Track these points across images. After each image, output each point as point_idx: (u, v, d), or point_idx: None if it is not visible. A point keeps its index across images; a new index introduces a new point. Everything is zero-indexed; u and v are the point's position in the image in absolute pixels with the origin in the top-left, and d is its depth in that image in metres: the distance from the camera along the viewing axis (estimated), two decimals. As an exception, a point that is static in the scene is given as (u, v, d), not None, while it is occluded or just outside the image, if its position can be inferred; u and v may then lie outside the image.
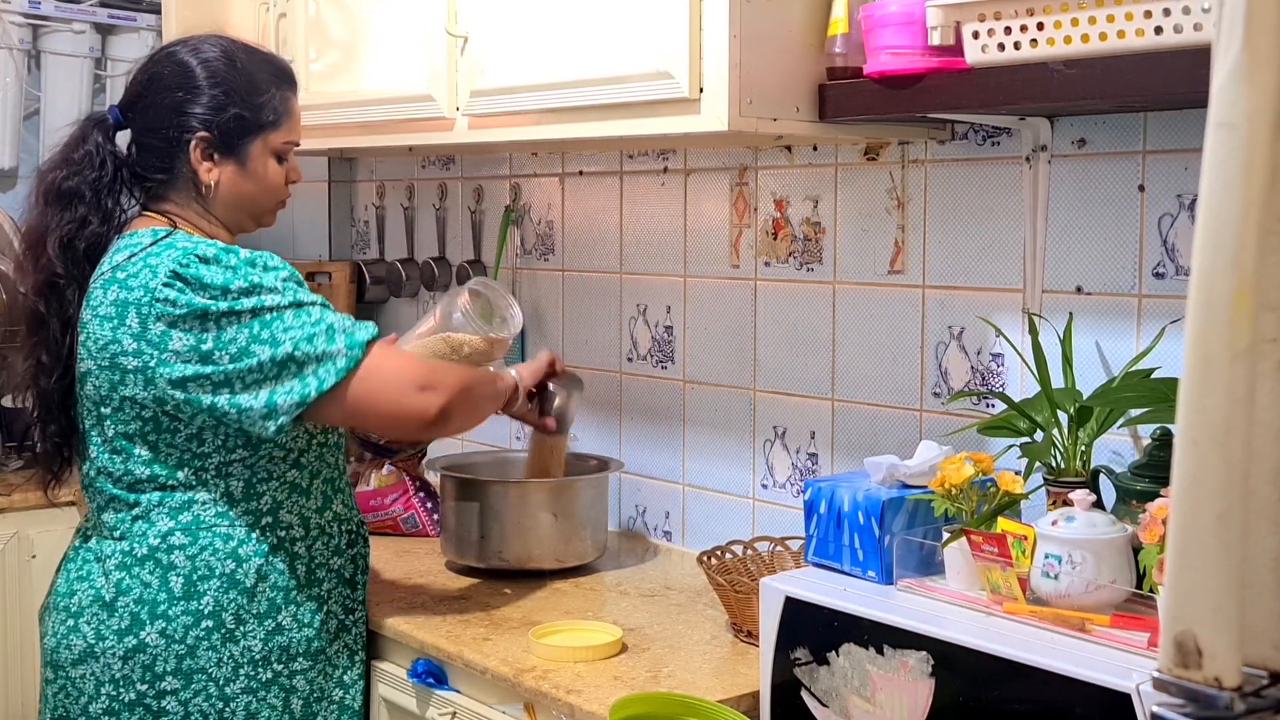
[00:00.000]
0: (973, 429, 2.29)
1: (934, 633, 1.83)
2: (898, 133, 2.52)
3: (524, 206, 3.45)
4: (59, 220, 2.33)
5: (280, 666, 2.31)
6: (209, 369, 2.16)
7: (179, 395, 2.19)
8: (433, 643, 2.41)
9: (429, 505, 3.13)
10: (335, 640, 2.39)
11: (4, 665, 3.39)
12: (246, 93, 2.36)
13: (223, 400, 2.18)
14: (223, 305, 2.16)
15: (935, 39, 2.11)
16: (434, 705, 2.40)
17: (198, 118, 2.33)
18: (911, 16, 2.15)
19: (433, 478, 3.07)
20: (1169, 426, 2.00)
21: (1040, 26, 1.95)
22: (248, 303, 2.16)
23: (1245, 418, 1.07)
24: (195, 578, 2.26)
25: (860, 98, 2.27)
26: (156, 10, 3.78)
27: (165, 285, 2.17)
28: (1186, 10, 1.78)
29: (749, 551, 2.58)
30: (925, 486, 2.07)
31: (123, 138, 2.40)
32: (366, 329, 2.25)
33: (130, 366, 2.20)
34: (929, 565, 2.04)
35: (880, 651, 1.89)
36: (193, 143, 2.33)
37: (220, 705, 2.26)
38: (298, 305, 2.20)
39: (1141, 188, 2.26)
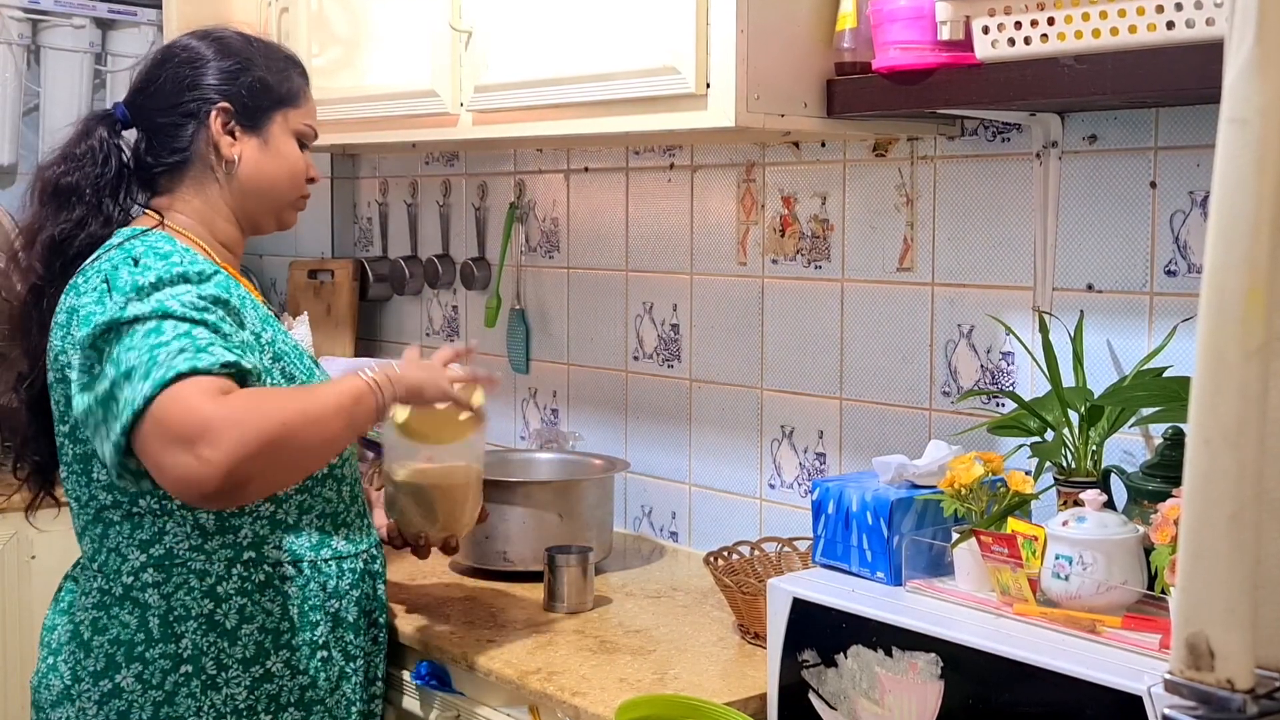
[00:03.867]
0: (982, 428, 2.28)
1: (943, 634, 1.82)
2: (907, 129, 2.50)
3: (528, 203, 3.44)
4: (54, 219, 2.14)
5: (268, 717, 2.11)
6: (78, 404, 1.95)
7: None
8: (436, 645, 2.40)
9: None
10: (335, 690, 2.19)
11: (3, 666, 3.38)
12: (265, 62, 2.23)
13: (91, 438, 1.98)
14: (100, 317, 1.93)
15: (945, 34, 2.10)
16: (438, 708, 2.39)
17: (215, 88, 2.17)
18: (921, 11, 2.14)
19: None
20: (1181, 426, 1.99)
21: (1051, 21, 1.94)
22: (104, 317, 1.92)
23: (1258, 417, 1.07)
24: (171, 618, 2.06)
25: (869, 93, 2.26)
26: (157, 5, 3.77)
27: (95, 289, 1.98)
28: (1199, 4, 1.77)
29: (756, 552, 2.57)
30: (934, 486, 2.07)
31: (129, 137, 2.24)
32: (199, 359, 1.87)
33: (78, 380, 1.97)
34: (938, 566, 2.03)
35: (889, 653, 1.87)
36: (213, 113, 2.17)
37: None
38: (160, 318, 1.91)
39: (1153, 184, 2.24)
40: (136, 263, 2.00)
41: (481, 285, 3.54)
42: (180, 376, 1.85)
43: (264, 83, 2.22)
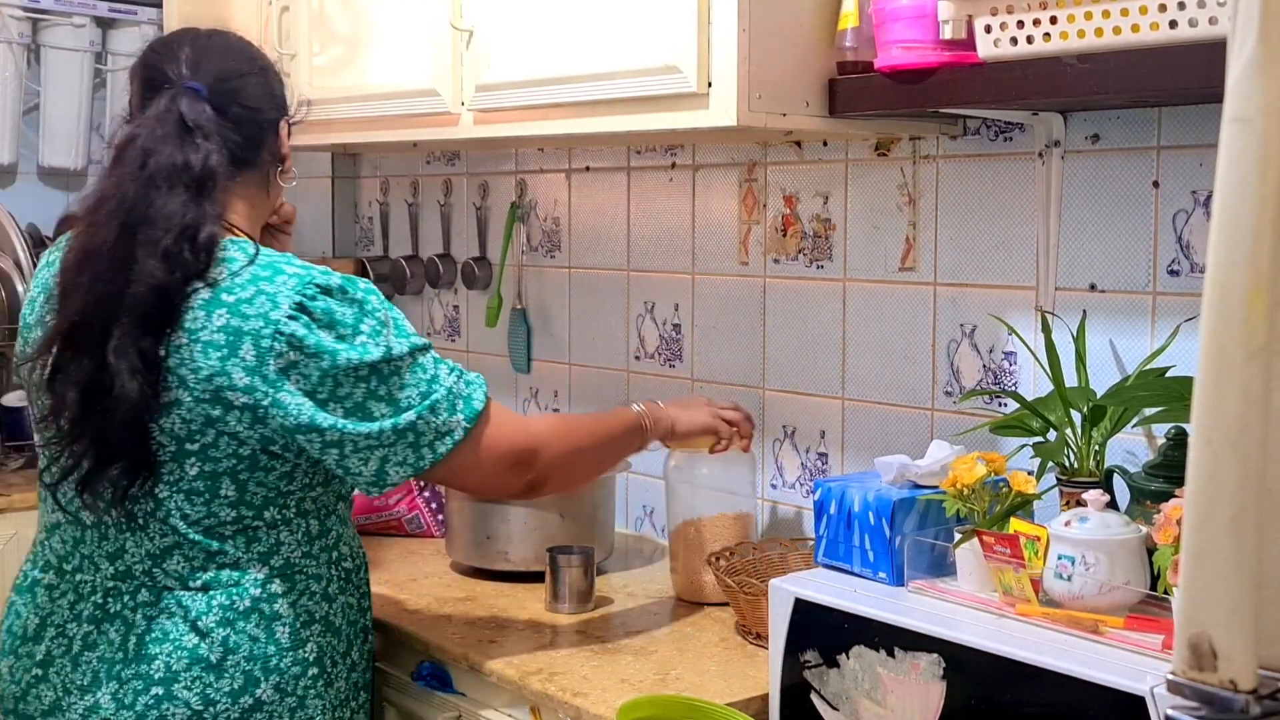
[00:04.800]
0: (985, 428, 2.28)
1: (945, 635, 1.82)
2: (909, 128, 2.50)
3: (530, 203, 3.43)
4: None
5: (354, 703, 2.22)
6: (326, 423, 1.98)
7: (295, 438, 2.01)
8: (438, 645, 2.39)
9: (434, 506, 3.11)
10: (369, 673, 2.29)
11: None
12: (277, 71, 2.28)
13: (333, 457, 2.02)
14: (352, 356, 1.98)
15: (947, 33, 2.10)
16: (439, 708, 2.39)
17: (280, 96, 2.21)
18: (923, 10, 2.13)
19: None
20: (1183, 426, 1.98)
21: (1053, 20, 1.93)
22: (375, 353, 1.99)
23: (1261, 417, 1.07)
24: (298, 625, 2.11)
25: (871, 92, 2.26)
26: (157, 4, 3.76)
27: (290, 319, 1.97)
28: (1201, 4, 1.76)
29: (758, 553, 2.57)
30: (937, 487, 2.06)
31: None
32: (480, 388, 2.11)
33: (239, 403, 1.98)
34: (940, 566, 2.03)
35: (891, 654, 1.87)
36: (281, 123, 2.20)
37: None
38: (413, 355, 2.04)
39: (1156, 184, 2.24)
40: (330, 292, 2.02)
41: (483, 285, 3.54)
42: (485, 404, 2.10)
43: (282, 97, 2.24)
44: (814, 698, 1.97)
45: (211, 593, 2.06)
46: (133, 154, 2.04)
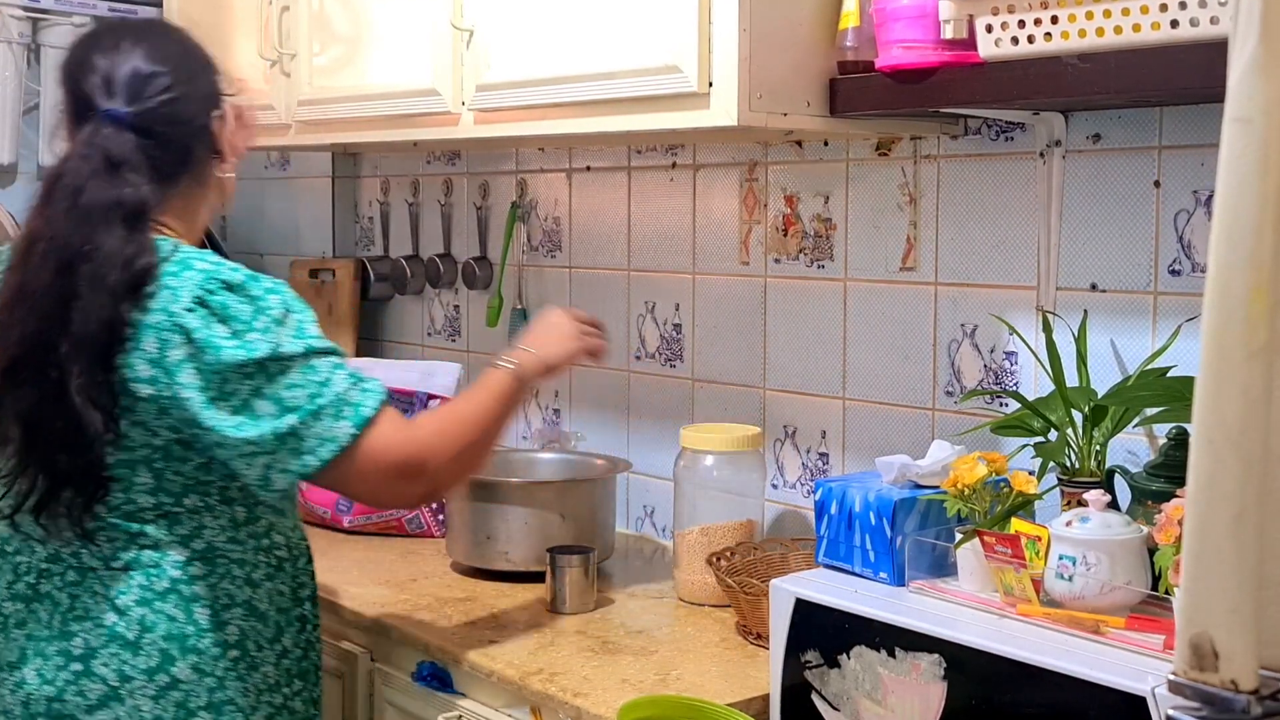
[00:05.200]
0: (986, 428, 2.27)
1: (946, 635, 1.82)
2: (909, 128, 2.50)
3: (530, 203, 3.43)
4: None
5: (287, 689, 2.20)
6: (211, 421, 1.98)
7: (191, 429, 2.02)
8: (438, 645, 2.39)
9: (434, 506, 3.11)
10: (311, 657, 2.28)
11: None
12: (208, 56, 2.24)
13: (221, 457, 2.04)
14: (238, 354, 1.98)
15: (948, 32, 2.09)
16: (439, 708, 2.38)
17: (210, 94, 2.19)
18: (924, 10, 2.13)
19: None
20: (1185, 426, 1.98)
21: (1054, 20, 1.93)
22: (261, 350, 1.99)
23: (1262, 417, 1.07)
24: (219, 607, 2.11)
25: (872, 92, 2.25)
26: (157, 4, 3.76)
27: (187, 311, 1.98)
28: (1203, 3, 1.76)
29: (759, 553, 2.56)
30: (938, 487, 2.06)
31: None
32: (374, 396, 2.06)
33: (144, 394, 2.00)
34: (941, 567, 2.02)
35: (892, 654, 1.87)
36: (214, 122, 2.18)
37: None
38: (307, 357, 2.02)
39: (1157, 183, 2.23)
40: (231, 288, 2.02)
41: (483, 285, 3.54)
42: (376, 413, 2.04)
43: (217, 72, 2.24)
44: (815, 698, 1.97)
45: (131, 573, 2.08)
46: (61, 192, 2.06)
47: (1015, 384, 2.44)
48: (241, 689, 2.12)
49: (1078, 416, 2.11)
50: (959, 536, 1.97)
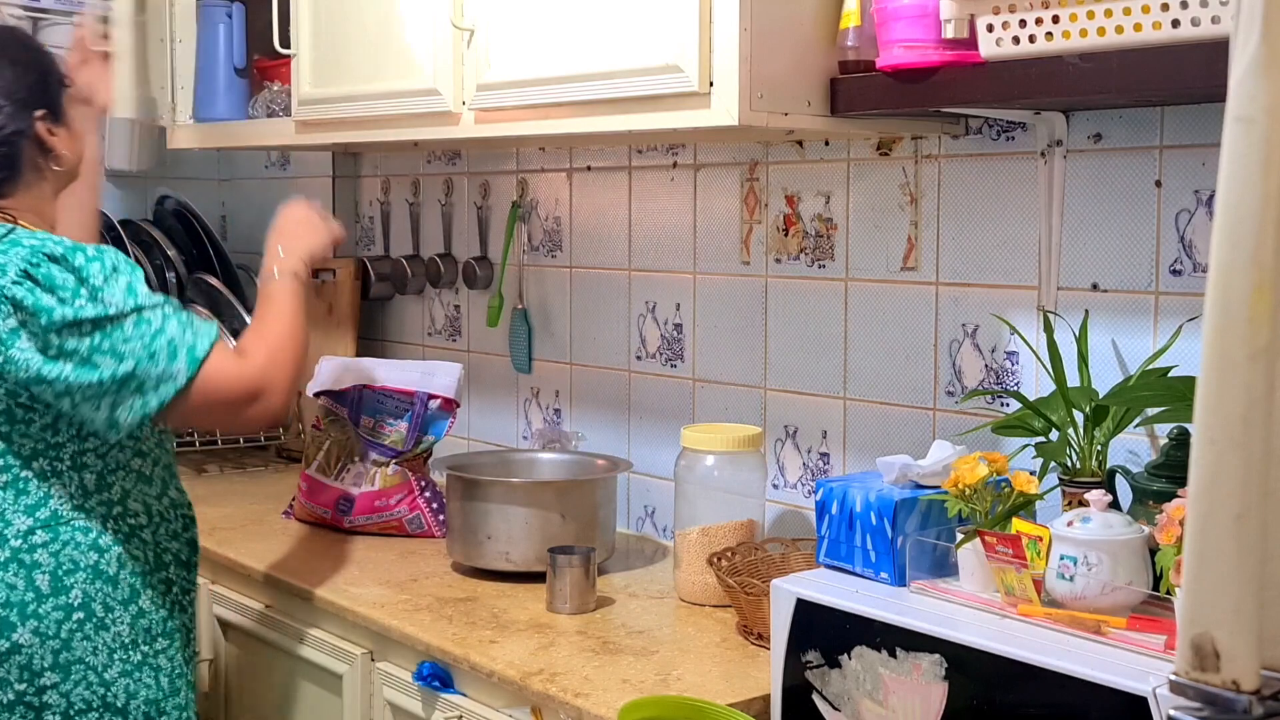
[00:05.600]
0: (987, 428, 2.27)
1: (947, 635, 1.81)
2: (911, 127, 2.49)
3: (531, 202, 3.43)
4: None
5: (146, 648, 2.34)
6: (53, 374, 2.16)
7: (31, 390, 2.20)
8: (438, 645, 2.39)
9: (434, 506, 3.11)
10: (180, 618, 2.43)
11: None
12: (40, 52, 2.42)
13: (66, 405, 2.20)
14: (68, 313, 2.15)
15: (949, 32, 2.09)
16: (439, 709, 2.38)
17: (31, 94, 2.34)
18: (925, 9, 2.13)
19: (438, 478, 3.05)
20: (1186, 426, 1.98)
21: (1055, 19, 1.93)
22: (91, 310, 2.16)
23: (1264, 416, 1.06)
24: (61, 574, 2.25)
25: (873, 92, 2.25)
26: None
27: (14, 283, 2.15)
28: (1204, 3, 1.76)
29: (760, 553, 2.56)
30: (939, 487, 2.06)
31: None
32: (207, 336, 2.26)
33: None
34: (942, 567, 2.02)
35: (893, 654, 1.87)
36: (37, 125, 2.34)
37: (102, 691, 2.28)
38: (138, 312, 2.19)
39: (1158, 183, 2.23)
40: (55, 260, 2.18)
41: (484, 284, 3.54)
42: (209, 352, 2.23)
43: (53, 70, 2.40)
44: (816, 698, 1.97)
45: None
46: None
47: (1016, 384, 2.44)
48: (90, 648, 2.27)
49: (1079, 416, 2.11)
50: (960, 537, 1.97)
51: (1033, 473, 2.02)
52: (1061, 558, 1.83)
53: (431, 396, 3.14)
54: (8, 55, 2.35)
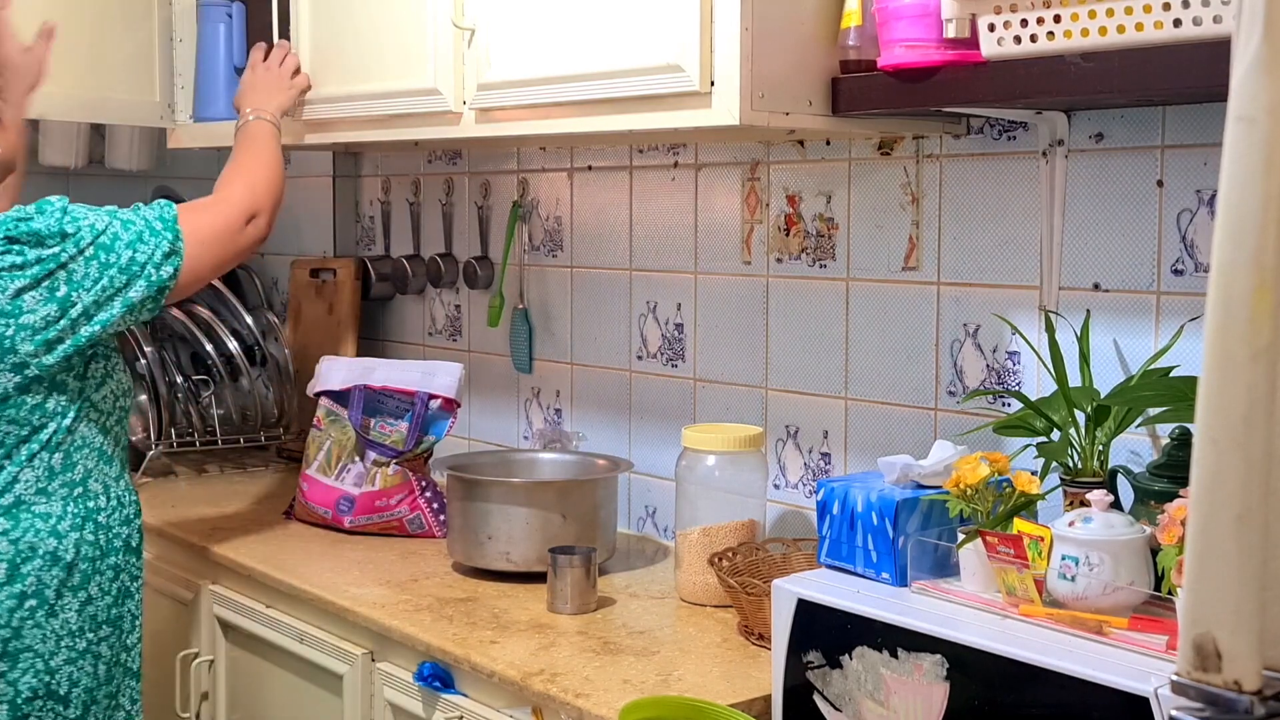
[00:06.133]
0: (988, 428, 2.27)
1: (949, 635, 1.81)
2: (912, 127, 2.49)
3: (532, 202, 3.43)
4: None
5: (91, 635, 2.36)
6: (73, 313, 2.25)
7: (47, 360, 2.25)
8: (439, 645, 2.38)
9: (435, 506, 3.11)
10: (125, 606, 2.45)
11: None
12: None
13: (85, 330, 2.27)
14: (70, 248, 2.24)
15: (950, 31, 2.09)
16: (440, 709, 2.38)
17: None
18: (926, 9, 2.13)
19: (439, 478, 3.05)
20: (1188, 426, 1.98)
21: (1057, 19, 1.93)
22: (88, 235, 2.26)
23: (1265, 416, 1.06)
24: (19, 561, 2.28)
25: (874, 91, 2.25)
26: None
27: (3, 253, 2.20)
28: (1206, 2, 1.75)
29: (761, 553, 2.56)
30: (940, 487, 2.05)
31: None
32: (169, 208, 2.39)
33: None
34: (944, 567, 2.02)
35: (894, 654, 1.86)
36: None
37: (47, 679, 2.30)
38: (111, 221, 2.31)
39: (1160, 183, 2.23)
40: (32, 214, 2.26)
41: (484, 284, 3.54)
42: (176, 215, 2.37)
43: None
44: (817, 699, 1.97)
45: None
46: None
47: (1018, 384, 2.44)
48: (39, 636, 2.29)
49: (1080, 416, 2.10)
50: (961, 537, 1.97)
51: (1034, 473, 2.02)
52: (1063, 558, 1.82)
53: (432, 396, 3.14)
54: None
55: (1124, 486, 2.07)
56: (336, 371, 3.25)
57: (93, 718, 2.38)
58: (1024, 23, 1.96)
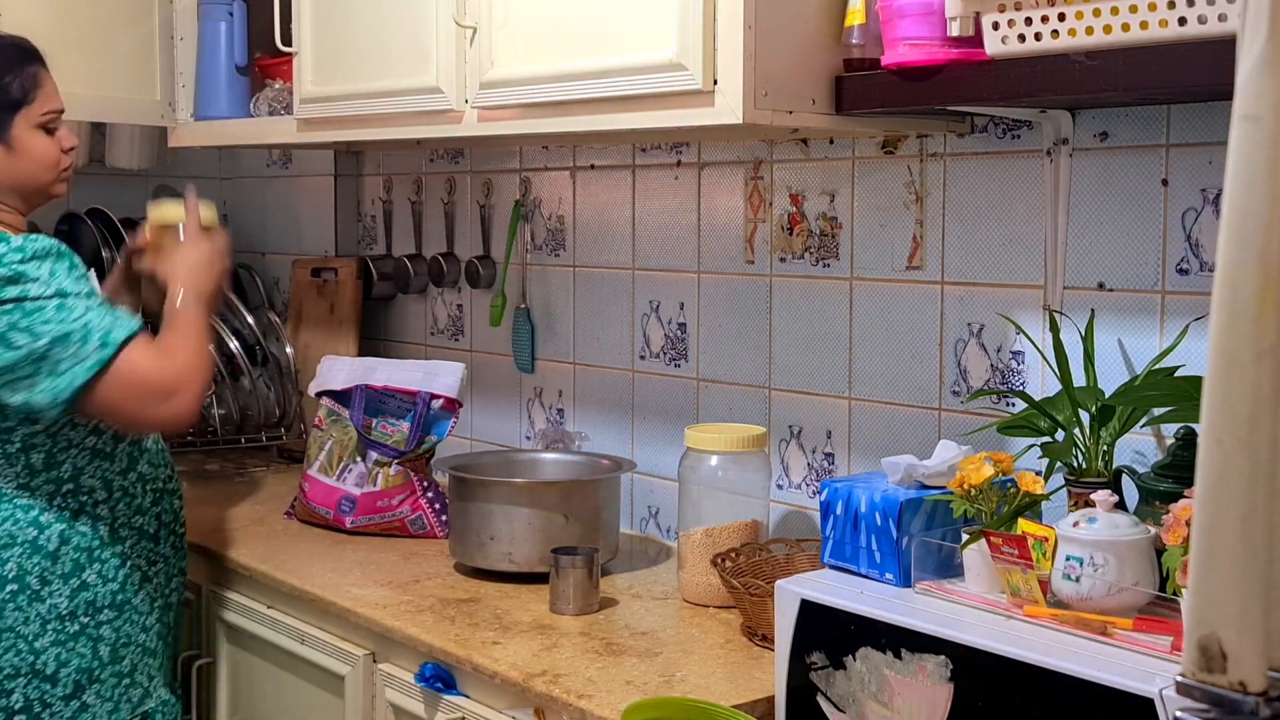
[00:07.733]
0: (992, 428, 2.27)
1: (953, 636, 1.81)
2: (916, 126, 2.49)
3: (534, 201, 3.42)
4: None
5: (86, 619, 2.48)
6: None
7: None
8: (441, 646, 2.38)
9: (437, 506, 3.10)
10: (139, 591, 2.58)
11: None
12: None
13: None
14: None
15: (954, 30, 2.08)
16: (442, 710, 2.38)
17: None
18: (930, 7, 2.12)
19: (441, 478, 3.05)
20: (1193, 426, 1.97)
21: (1061, 17, 1.92)
22: (11, 291, 2.28)
23: (1270, 416, 1.06)
24: None
25: (878, 90, 2.24)
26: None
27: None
28: (1211, 1, 1.75)
29: (764, 554, 2.56)
30: (944, 487, 2.05)
31: None
32: (126, 327, 2.35)
33: None
34: (948, 568, 2.02)
35: (898, 655, 1.86)
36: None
37: (31, 659, 2.43)
38: (61, 297, 2.30)
39: (1165, 182, 2.22)
40: None
41: (486, 284, 3.54)
42: (127, 340, 2.32)
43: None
44: (820, 700, 1.96)
45: None
46: None
47: (1022, 383, 2.43)
48: (22, 618, 2.42)
49: (1085, 416, 2.10)
50: (965, 537, 1.96)
51: (1038, 473, 2.01)
52: (1067, 558, 1.82)
53: (434, 396, 3.14)
54: None
55: (1129, 487, 2.06)
56: (338, 371, 3.25)
57: (94, 695, 2.50)
58: (1028, 21, 1.96)
